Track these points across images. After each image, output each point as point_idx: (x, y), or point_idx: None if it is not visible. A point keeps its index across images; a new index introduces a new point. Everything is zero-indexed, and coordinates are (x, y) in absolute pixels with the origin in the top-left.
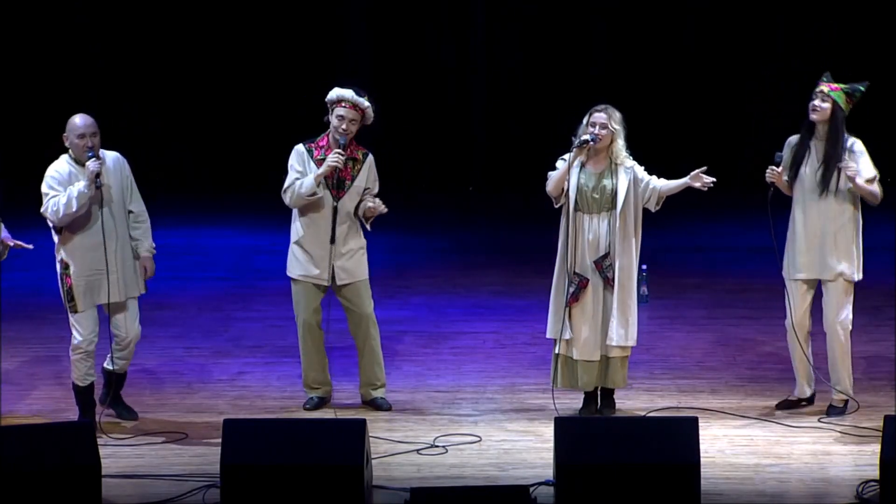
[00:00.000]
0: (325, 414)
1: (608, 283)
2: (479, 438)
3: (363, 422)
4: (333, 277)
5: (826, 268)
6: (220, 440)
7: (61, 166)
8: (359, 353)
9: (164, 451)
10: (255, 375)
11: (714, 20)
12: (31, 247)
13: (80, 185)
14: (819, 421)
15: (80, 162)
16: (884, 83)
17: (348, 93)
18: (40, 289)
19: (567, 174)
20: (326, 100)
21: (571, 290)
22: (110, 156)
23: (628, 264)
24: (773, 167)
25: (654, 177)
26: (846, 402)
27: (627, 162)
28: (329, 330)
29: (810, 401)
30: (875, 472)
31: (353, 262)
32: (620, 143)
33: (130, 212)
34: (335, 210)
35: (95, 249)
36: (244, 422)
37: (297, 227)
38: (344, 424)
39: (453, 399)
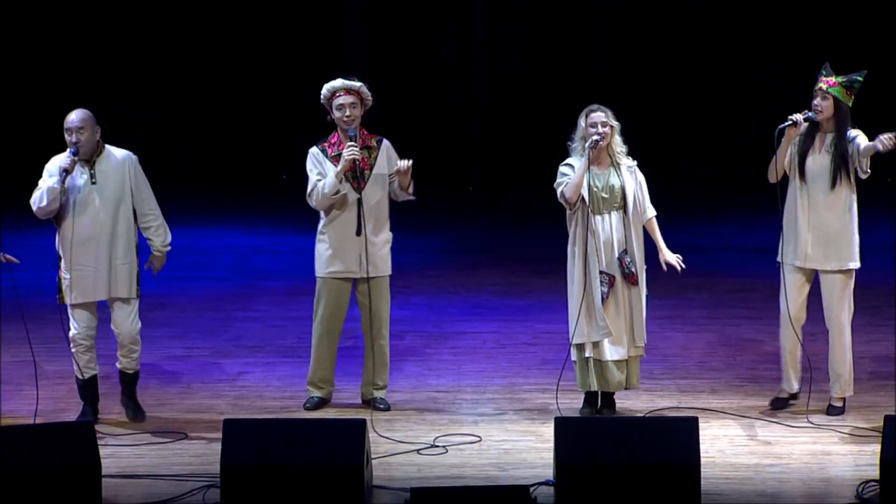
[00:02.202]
0: (326, 414)
1: (631, 279)
2: (479, 438)
3: (363, 422)
4: (363, 270)
5: (835, 259)
6: (220, 440)
7: (60, 159)
8: (366, 351)
9: (164, 451)
10: (255, 375)
11: (714, 20)
12: (17, 261)
13: (54, 180)
14: (808, 421)
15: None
16: (884, 83)
17: (338, 82)
18: (40, 289)
19: (584, 177)
20: (322, 100)
21: (604, 289)
22: (118, 154)
23: (641, 262)
24: (798, 118)
25: (650, 206)
26: (844, 400)
27: (627, 160)
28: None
29: (795, 396)
30: (875, 472)
31: (381, 256)
32: (618, 138)
33: (144, 216)
34: (359, 202)
35: (85, 244)
36: (244, 422)
37: (322, 225)
38: (344, 424)
39: (453, 399)
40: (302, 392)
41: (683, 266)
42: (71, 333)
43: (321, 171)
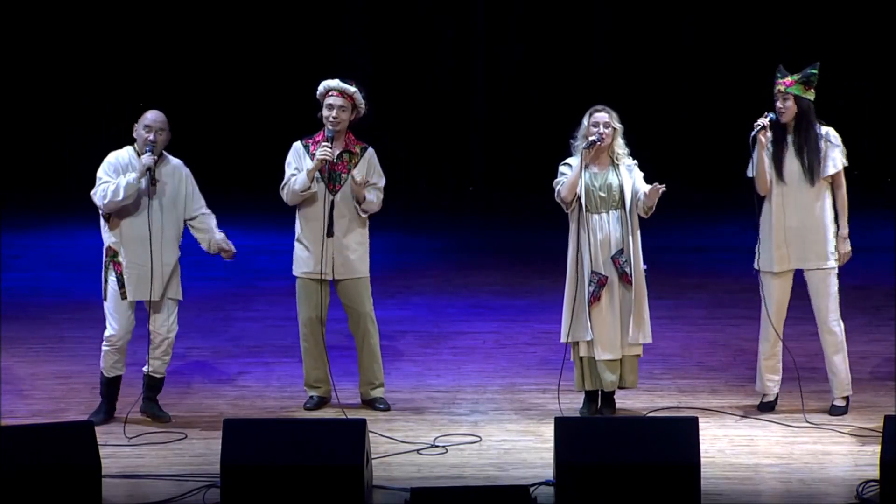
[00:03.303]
0: (326, 414)
1: (625, 278)
2: (479, 438)
3: (363, 422)
4: (333, 272)
5: (820, 256)
6: (220, 440)
7: (121, 154)
8: (358, 352)
9: (164, 451)
10: (255, 375)
11: (716, 18)
12: None
13: (132, 175)
14: (808, 421)
15: (141, 154)
16: (884, 83)
17: (334, 82)
18: (40, 289)
19: (580, 176)
20: (317, 96)
21: (592, 289)
22: (174, 161)
23: (638, 261)
24: (764, 122)
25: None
26: (847, 399)
27: (627, 160)
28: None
29: (776, 399)
30: (875, 472)
31: (353, 258)
32: (620, 140)
33: (194, 217)
34: (332, 204)
35: (140, 243)
36: (244, 422)
37: (297, 224)
38: (344, 424)
39: (453, 399)
40: (302, 392)
41: (664, 186)
42: (108, 333)
43: (298, 167)
